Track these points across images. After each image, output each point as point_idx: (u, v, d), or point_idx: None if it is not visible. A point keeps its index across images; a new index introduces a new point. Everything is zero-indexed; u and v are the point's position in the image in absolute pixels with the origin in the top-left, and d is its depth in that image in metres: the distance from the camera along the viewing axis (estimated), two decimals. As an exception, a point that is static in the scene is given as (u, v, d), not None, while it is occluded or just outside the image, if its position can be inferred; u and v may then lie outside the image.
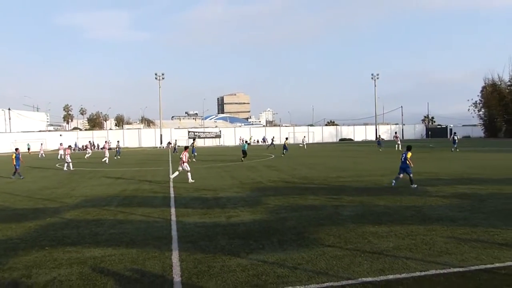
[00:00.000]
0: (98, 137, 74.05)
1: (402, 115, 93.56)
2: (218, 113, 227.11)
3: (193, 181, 17.65)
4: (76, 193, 15.37)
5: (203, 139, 79.71)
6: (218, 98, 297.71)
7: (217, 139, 79.64)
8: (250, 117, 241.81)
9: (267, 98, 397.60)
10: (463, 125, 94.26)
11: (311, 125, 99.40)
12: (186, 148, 19.60)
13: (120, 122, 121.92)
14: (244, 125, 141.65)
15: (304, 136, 65.92)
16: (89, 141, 59.87)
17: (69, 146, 34.36)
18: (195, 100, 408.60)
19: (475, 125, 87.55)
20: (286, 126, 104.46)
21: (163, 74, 78.80)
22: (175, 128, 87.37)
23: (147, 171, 24.69)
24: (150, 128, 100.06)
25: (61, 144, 43.37)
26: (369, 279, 5.62)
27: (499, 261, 6.21)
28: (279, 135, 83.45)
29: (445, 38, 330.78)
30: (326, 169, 22.21)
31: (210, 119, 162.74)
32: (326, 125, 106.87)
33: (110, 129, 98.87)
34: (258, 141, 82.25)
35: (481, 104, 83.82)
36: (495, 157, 29.42)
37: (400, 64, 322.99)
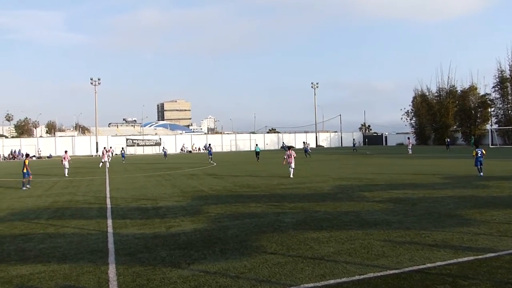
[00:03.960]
0: (27, 145, 69.51)
1: (340, 123, 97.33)
2: (158, 120, 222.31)
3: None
4: (1, 206, 14.28)
5: (142, 147, 77.60)
6: (158, 105, 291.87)
7: (157, 147, 77.89)
8: (192, 124, 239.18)
9: (209, 105, 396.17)
10: (397, 133, 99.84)
11: (253, 133, 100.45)
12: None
13: (51, 129, 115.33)
14: (185, 132, 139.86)
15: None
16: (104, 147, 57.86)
17: None
18: (133, 107, 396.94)
19: (407, 133, 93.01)
20: (228, 133, 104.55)
21: (99, 79, 75.84)
22: (112, 136, 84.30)
23: (82, 181, 23.56)
24: (85, 136, 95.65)
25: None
26: (311, 284, 5.73)
27: (430, 262, 6.59)
28: (220, 143, 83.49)
29: (379, 48, 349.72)
30: (269, 177, 22.42)
31: (150, 126, 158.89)
32: (267, 132, 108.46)
33: (41, 136, 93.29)
34: (199, 149, 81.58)
35: (412, 113, 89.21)
36: (425, 163, 31.40)
37: (338, 74, 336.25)
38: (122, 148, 57.07)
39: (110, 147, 62.89)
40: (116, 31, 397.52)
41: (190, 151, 79.63)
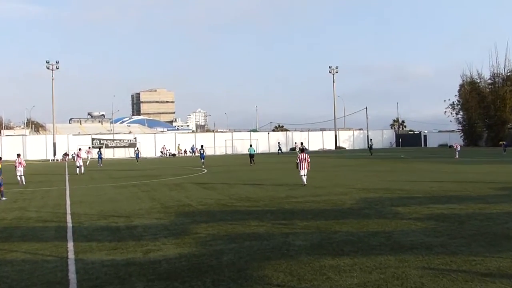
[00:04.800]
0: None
1: (367, 118, 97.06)
2: (133, 115, 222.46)
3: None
4: None
5: (112, 149, 77.67)
6: (132, 95, 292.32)
7: (131, 149, 77.73)
8: (176, 120, 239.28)
9: (198, 96, 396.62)
10: (439, 131, 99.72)
11: (255, 131, 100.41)
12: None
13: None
14: (168, 130, 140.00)
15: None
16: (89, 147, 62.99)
17: None
18: (101, 98, 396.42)
19: (453, 131, 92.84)
20: (222, 131, 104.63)
21: (57, 63, 76.07)
22: (74, 135, 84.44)
23: (35, 192, 23.59)
24: (39, 135, 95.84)
25: None
26: (329, 326, 5.70)
27: (483, 297, 6.56)
28: (212, 143, 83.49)
29: (416, 22, 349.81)
30: (274, 187, 22.45)
31: (122, 122, 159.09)
32: (273, 130, 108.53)
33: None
34: (185, 151, 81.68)
35: (459, 106, 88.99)
36: (476, 169, 31.35)
37: (363, 56, 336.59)
38: (100, 148, 57.64)
39: (89, 147, 63.51)
40: (82, 1, 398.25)
41: (173, 154, 79.78)
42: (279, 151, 74.58)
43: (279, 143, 79.34)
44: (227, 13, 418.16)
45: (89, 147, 63.64)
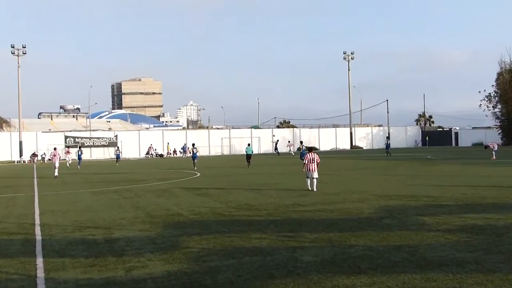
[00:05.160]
0: None
1: (388, 112, 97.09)
2: (114, 109, 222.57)
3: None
4: None
5: (89, 148, 77.62)
6: (113, 86, 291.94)
7: (112, 149, 77.67)
8: (164, 115, 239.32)
9: (190, 87, 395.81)
10: (474, 127, 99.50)
11: (256, 127, 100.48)
12: None
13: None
14: (155, 126, 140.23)
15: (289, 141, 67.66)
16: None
17: None
18: (76, 89, 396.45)
19: (489, 128, 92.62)
20: (218, 128, 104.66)
21: (24, 47, 76.19)
22: (43, 132, 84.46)
23: (-2, 199, 23.57)
24: (2, 132, 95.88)
25: None
26: None
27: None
28: (207, 142, 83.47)
29: (442, 2, 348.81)
30: (279, 193, 22.50)
31: (101, 117, 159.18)
32: (277, 127, 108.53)
33: None
34: (175, 151, 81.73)
35: (496, 98, 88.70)
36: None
37: (383, 40, 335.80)
38: (79, 147, 57.80)
39: (68, 147, 63.75)
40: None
41: (161, 155, 79.84)
42: (276, 150, 73.99)
43: (277, 140, 78.43)
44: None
45: (67, 147, 63.87)
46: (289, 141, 78.58)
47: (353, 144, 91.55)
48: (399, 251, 10.64)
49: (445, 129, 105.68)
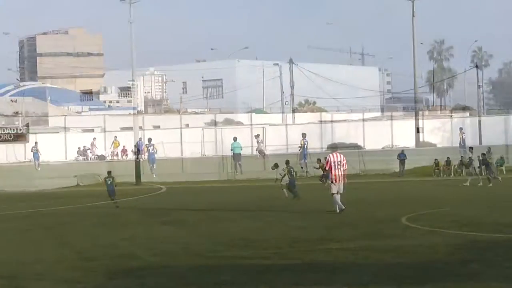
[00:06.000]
0: None
1: (479, 87, 67.47)
2: (23, 80, 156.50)
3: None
4: None
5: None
6: (21, 42, 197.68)
7: (21, 145, 53.03)
8: (106, 90, 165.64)
9: (149, 45, 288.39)
10: None
11: (260, 112, 72.75)
12: None
13: None
14: (90, 109, 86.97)
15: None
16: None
17: None
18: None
19: None
20: (196, 112, 74.91)
21: None
22: None
23: None
24: None
25: None
26: None
27: None
28: (178, 137, 50.38)
29: None
30: (294, 219, 18.60)
31: (3, 94, 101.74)
32: (294, 111, 72.43)
33: None
34: (125, 151, 58.55)
35: None
36: None
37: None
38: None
39: None
40: None
41: (102, 156, 58.68)
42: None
43: (257, 139, 49.56)
44: None
45: None
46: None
47: (421, 139, 53.51)
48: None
49: None
